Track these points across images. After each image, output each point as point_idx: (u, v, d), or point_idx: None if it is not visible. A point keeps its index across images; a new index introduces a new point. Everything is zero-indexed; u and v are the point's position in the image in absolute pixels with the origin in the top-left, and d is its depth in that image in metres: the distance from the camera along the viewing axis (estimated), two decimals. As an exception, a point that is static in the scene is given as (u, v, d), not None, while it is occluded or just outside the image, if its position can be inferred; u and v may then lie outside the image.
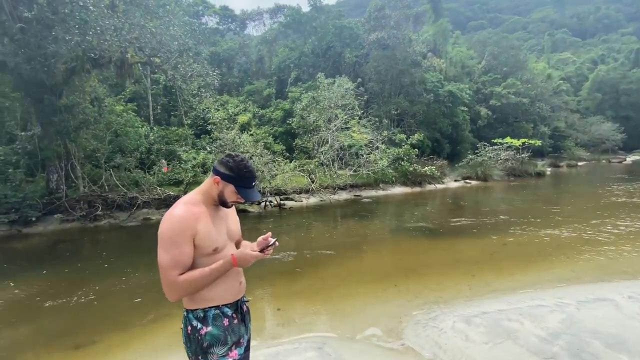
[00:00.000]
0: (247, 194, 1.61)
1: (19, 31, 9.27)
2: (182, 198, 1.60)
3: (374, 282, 5.29)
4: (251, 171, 1.61)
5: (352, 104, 18.44)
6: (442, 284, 5.09)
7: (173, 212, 1.50)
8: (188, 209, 1.52)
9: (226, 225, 1.70)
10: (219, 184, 1.59)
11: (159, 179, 13.56)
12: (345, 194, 15.83)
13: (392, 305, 4.36)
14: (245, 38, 32.86)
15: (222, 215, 1.69)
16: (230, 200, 1.62)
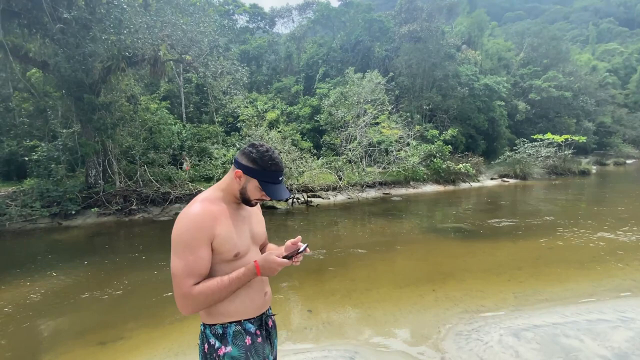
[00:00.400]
0: (273, 191, 1.37)
1: (59, 31, 9.63)
2: (199, 195, 1.39)
3: (407, 287, 4.94)
4: (277, 163, 1.37)
5: (382, 99, 17.92)
6: (484, 291, 4.66)
7: (188, 211, 1.29)
8: (205, 207, 1.31)
9: (249, 226, 1.48)
10: (240, 179, 1.37)
11: (190, 175, 13.80)
12: (373, 192, 15.42)
13: (429, 313, 4.01)
14: (274, 36, 33.00)
15: (244, 215, 1.47)
16: (254, 197, 1.39)
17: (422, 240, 7.94)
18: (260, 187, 1.36)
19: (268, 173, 1.35)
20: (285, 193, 1.40)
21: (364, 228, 9.54)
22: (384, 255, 6.80)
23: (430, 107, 23.31)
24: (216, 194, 1.39)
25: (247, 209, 1.48)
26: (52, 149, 12.40)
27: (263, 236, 1.58)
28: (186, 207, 1.32)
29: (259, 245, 1.56)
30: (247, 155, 1.36)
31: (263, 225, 1.60)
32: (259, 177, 1.35)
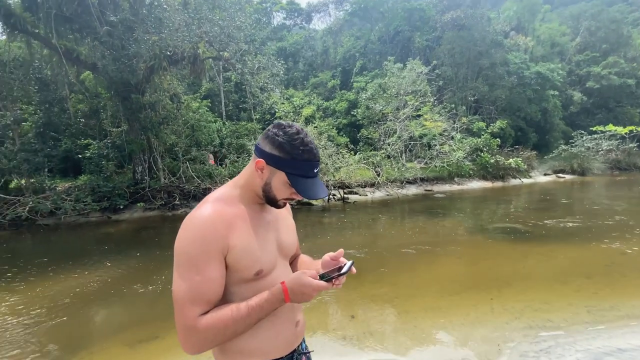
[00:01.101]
0: (306, 188, 1.02)
1: (106, 34, 10.04)
2: (211, 193, 1.09)
3: (457, 295, 4.46)
4: (311, 150, 1.01)
5: (424, 90, 17.07)
6: (550, 303, 4.07)
7: (194, 216, 0.99)
8: (217, 209, 0.99)
9: (276, 234, 1.14)
10: (263, 171, 1.03)
11: (230, 171, 14.00)
12: (414, 189, 14.74)
13: (486, 328, 3.54)
14: (310, 31, 32.84)
15: (269, 219, 1.13)
16: (282, 196, 1.06)
17: (470, 242, 7.31)
18: (289, 182, 1.02)
19: (299, 163, 1.00)
20: (321, 190, 1.05)
21: (404, 227, 9.04)
22: (428, 257, 6.31)
23: (475, 98, 21.95)
24: (232, 192, 1.08)
25: (272, 212, 1.15)
26: (102, 147, 13.09)
27: (293, 246, 1.24)
28: (193, 210, 1.01)
29: (288, 258, 1.22)
30: (272, 139, 1.01)
31: (294, 233, 1.26)
32: (288, 168, 1.00)
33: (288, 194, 1.05)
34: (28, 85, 12.49)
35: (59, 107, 13.33)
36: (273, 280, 1.06)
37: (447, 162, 15.44)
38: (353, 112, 19.83)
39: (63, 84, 12.98)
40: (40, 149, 11.99)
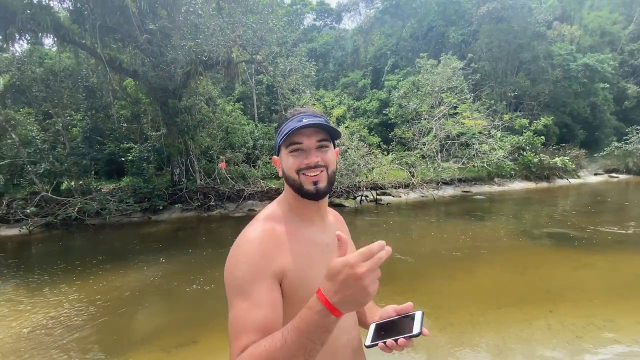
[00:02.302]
0: (292, 128, 0.90)
1: (146, 42, 10.46)
2: (262, 210, 0.99)
3: (506, 307, 4.15)
4: (296, 109, 0.97)
5: (460, 86, 16.38)
6: (614, 321, 3.67)
7: (242, 237, 0.90)
8: (267, 228, 0.90)
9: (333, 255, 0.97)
10: (278, 164, 0.99)
11: (263, 172, 14.17)
12: (451, 190, 14.17)
13: (544, 347, 3.23)
14: (340, 31, 32.65)
15: (327, 240, 0.98)
16: (294, 167, 0.92)
17: (514, 248, 6.85)
18: (286, 144, 0.92)
19: (286, 124, 0.93)
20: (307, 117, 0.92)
21: (441, 230, 8.66)
22: (468, 263, 5.96)
23: (516, 93, 20.77)
24: (281, 208, 0.98)
25: (329, 232, 0.99)
26: (143, 150, 13.67)
27: None
28: (243, 231, 0.92)
29: None
30: (275, 129, 1.00)
31: (352, 247, 1.10)
32: (280, 134, 0.93)
33: (297, 162, 0.91)
34: (76, 93, 13.30)
35: (104, 113, 14.08)
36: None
37: (487, 161, 14.70)
38: (385, 111, 19.44)
39: (107, 91, 13.71)
40: (88, 152, 12.72)
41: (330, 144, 0.95)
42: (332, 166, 0.94)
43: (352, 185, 13.21)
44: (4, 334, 4.07)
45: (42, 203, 11.17)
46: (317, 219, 0.99)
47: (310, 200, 0.93)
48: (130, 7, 9.96)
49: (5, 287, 5.79)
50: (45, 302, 5.00)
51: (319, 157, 0.91)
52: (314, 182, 0.91)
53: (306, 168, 0.90)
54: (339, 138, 0.98)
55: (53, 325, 4.27)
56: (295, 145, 0.91)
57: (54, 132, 12.56)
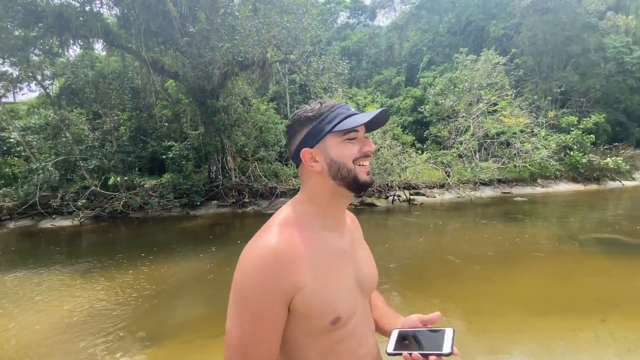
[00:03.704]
0: (358, 119, 0.84)
1: (186, 44, 10.92)
2: (277, 214, 0.89)
3: (548, 316, 3.91)
4: (332, 101, 0.87)
5: (501, 83, 15.64)
6: (674, 336, 3.35)
7: (255, 245, 0.81)
8: (283, 238, 0.80)
9: (354, 266, 0.91)
10: (316, 158, 0.85)
11: (294, 171, 14.36)
12: (489, 191, 13.58)
13: (591, 359, 3.02)
14: (374, 28, 32.27)
15: (345, 247, 0.91)
16: (351, 157, 0.84)
17: (558, 253, 6.45)
18: (341, 133, 0.83)
19: (333, 112, 0.84)
20: (363, 115, 0.85)
21: (478, 233, 8.32)
22: (507, 268, 5.68)
23: (562, 89, 19.51)
24: (299, 212, 0.88)
25: (348, 237, 0.93)
26: (183, 148, 14.33)
27: (375, 280, 1.00)
28: (256, 236, 0.84)
29: (369, 297, 1.00)
30: (295, 126, 0.87)
31: (373, 262, 1.01)
32: (328, 125, 0.83)
33: (355, 150, 0.84)
34: (123, 94, 14.16)
35: (147, 113, 14.89)
36: (353, 329, 0.86)
37: (529, 161, 13.92)
38: (420, 109, 18.98)
39: (150, 92, 14.48)
40: (133, 150, 13.53)
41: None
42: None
43: (385, 185, 13.03)
44: (56, 315, 4.44)
45: (91, 197, 12.04)
46: (338, 223, 0.92)
47: (352, 193, 0.88)
48: (172, 12, 10.45)
49: (61, 272, 6.31)
50: (95, 287, 5.39)
51: (373, 146, 0.88)
52: (368, 172, 0.86)
53: (364, 157, 0.85)
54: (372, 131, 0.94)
55: (100, 309, 4.59)
56: (354, 133, 0.84)
57: (103, 131, 13.47)
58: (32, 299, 5.13)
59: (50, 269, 6.50)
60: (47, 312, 4.58)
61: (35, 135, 13.43)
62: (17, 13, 10.45)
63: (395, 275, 5.52)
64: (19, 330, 4.11)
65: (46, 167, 11.81)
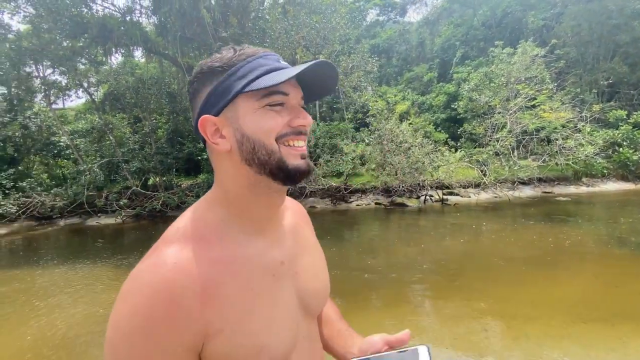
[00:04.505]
0: (282, 74, 0.54)
1: (219, 49, 11.27)
2: (175, 223, 0.60)
3: (595, 322, 3.66)
4: (251, 48, 0.59)
5: (541, 76, 14.83)
6: None
7: (139, 277, 0.53)
8: (183, 262, 0.53)
9: (295, 283, 0.66)
10: (222, 129, 0.57)
11: (323, 170, 14.40)
12: (529, 190, 12.92)
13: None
14: (404, 24, 31.68)
15: (280, 257, 0.65)
16: (277, 128, 0.56)
17: (605, 256, 6.01)
18: (260, 94, 0.55)
19: (252, 62, 0.56)
20: (292, 69, 0.56)
21: (517, 235, 7.93)
22: (548, 272, 5.37)
23: (610, 81, 18.14)
24: (210, 214, 0.60)
25: (283, 242, 0.67)
26: (216, 150, 14.80)
27: (327, 293, 0.75)
28: (141, 262, 0.55)
29: (315, 318, 0.73)
30: (203, 75, 0.57)
31: (324, 265, 0.77)
32: (240, 83, 0.55)
33: (279, 122, 0.56)
34: (161, 99, 14.86)
35: (183, 116, 15.52)
36: None
37: (573, 159, 13.08)
38: (453, 105, 18.41)
39: (186, 96, 15.06)
40: (170, 152, 14.16)
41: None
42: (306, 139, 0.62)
43: (416, 185, 12.76)
44: (104, 308, 4.74)
45: (132, 196, 12.75)
46: (270, 224, 0.65)
47: (285, 185, 0.60)
48: (205, 18, 10.84)
49: (105, 267, 6.73)
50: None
51: (308, 119, 0.59)
52: (302, 156, 0.59)
53: (294, 134, 0.58)
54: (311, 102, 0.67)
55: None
56: (280, 96, 0.56)
57: (143, 134, 14.21)
58: (78, 291, 5.52)
59: (96, 264, 6.96)
60: (92, 304, 4.90)
61: (82, 138, 14.43)
62: (65, 25, 11.27)
63: (430, 276, 5.40)
64: (65, 319, 4.43)
65: (92, 169, 12.65)
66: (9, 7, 11.72)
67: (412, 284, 5.10)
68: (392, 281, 5.27)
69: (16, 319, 4.55)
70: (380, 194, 13.33)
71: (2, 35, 12.11)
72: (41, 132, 15.00)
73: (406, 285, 5.06)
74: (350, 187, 13.79)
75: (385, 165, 12.99)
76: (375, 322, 4.02)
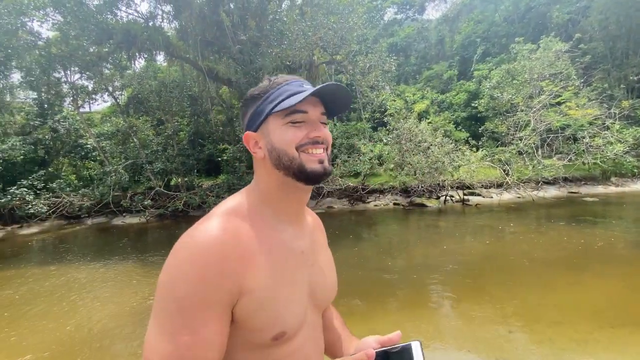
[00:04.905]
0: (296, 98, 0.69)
1: (238, 52, 11.48)
2: (223, 202, 0.75)
3: (624, 328, 3.52)
4: (284, 77, 0.75)
5: (566, 72, 14.32)
6: None
7: (192, 236, 0.65)
8: (229, 228, 0.66)
9: (310, 273, 0.77)
10: (257, 142, 0.74)
11: (341, 170, 14.40)
12: (554, 190, 12.52)
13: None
14: (423, 22, 31.23)
15: (303, 246, 0.78)
16: (294, 144, 0.70)
17: (635, 260, 5.76)
18: (283, 114, 0.70)
19: (278, 90, 0.71)
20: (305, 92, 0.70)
21: (541, 236, 7.71)
22: (574, 275, 5.20)
23: (640, 76, 17.33)
24: (247, 201, 0.74)
25: (307, 235, 0.81)
26: (236, 151, 15.04)
27: (334, 291, 0.86)
28: (191, 228, 0.67)
29: (321, 311, 0.84)
30: (244, 108, 0.76)
31: (334, 269, 0.87)
32: (269, 105, 0.71)
33: (299, 135, 0.70)
34: (182, 102, 15.24)
35: (204, 118, 15.87)
36: (298, 348, 0.72)
37: (601, 157, 12.57)
38: (474, 103, 18.04)
39: (206, 98, 15.42)
40: (192, 153, 14.50)
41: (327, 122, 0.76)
42: (330, 148, 0.75)
43: (436, 185, 12.58)
44: (128, 304, 4.92)
45: (156, 196, 13.14)
46: (296, 219, 0.78)
47: (305, 185, 0.73)
48: (224, 21, 11.06)
49: (133, 264, 6.98)
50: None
51: (323, 132, 0.72)
52: (320, 161, 0.71)
53: (311, 143, 0.70)
54: (335, 116, 0.80)
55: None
56: (299, 115, 0.70)
57: (165, 136, 14.61)
58: (110, 286, 5.75)
59: (124, 261, 7.23)
60: (124, 297, 5.10)
61: (108, 141, 14.98)
62: (92, 32, 11.73)
63: (451, 277, 5.33)
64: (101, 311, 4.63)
65: (117, 170, 13.12)
66: (39, 15, 12.30)
67: (433, 285, 5.06)
68: (412, 282, 5.24)
69: (57, 310, 4.81)
70: (399, 194, 13.22)
71: (33, 43, 12.72)
72: (69, 135, 15.67)
73: (426, 287, 5.01)
74: (368, 187, 13.73)
75: (404, 165, 12.86)
76: (394, 322, 4.02)
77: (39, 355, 3.64)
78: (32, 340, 3.97)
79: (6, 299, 5.36)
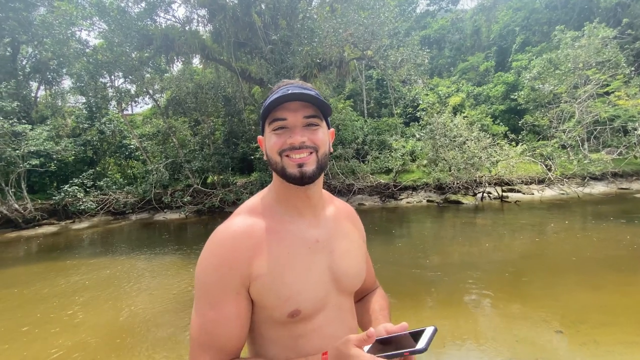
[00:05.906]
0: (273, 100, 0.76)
1: (269, 52, 11.71)
2: (245, 202, 0.89)
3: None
4: (283, 82, 0.84)
5: (615, 60, 13.30)
6: None
7: (216, 232, 0.81)
8: (244, 224, 0.80)
9: (329, 259, 0.85)
10: (263, 145, 0.85)
11: (372, 167, 14.32)
12: (601, 186, 11.72)
13: None
14: (457, 13, 30.15)
15: (318, 236, 0.85)
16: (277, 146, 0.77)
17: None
18: (269, 121, 0.79)
19: (273, 95, 0.79)
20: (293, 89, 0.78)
21: (588, 235, 7.26)
22: (623, 276, 4.87)
23: None
24: (264, 199, 0.86)
25: (324, 226, 0.87)
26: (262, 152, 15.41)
27: (360, 277, 0.92)
28: (222, 224, 0.83)
29: (351, 294, 0.92)
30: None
31: (361, 257, 0.93)
32: (265, 111, 0.78)
33: (279, 143, 0.77)
34: (217, 102, 15.77)
35: (238, 118, 16.34)
36: (320, 326, 0.82)
37: (656, 150, 11.61)
38: (512, 95, 17.22)
39: (240, 98, 15.86)
40: (227, 152, 15.00)
41: (321, 123, 0.80)
42: (323, 148, 0.79)
43: (472, 181, 12.17)
44: (170, 293, 5.22)
45: (194, 193, 13.73)
46: (307, 211, 0.85)
47: (296, 185, 0.79)
48: (256, 22, 11.31)
49: (174, 256, 7.38)
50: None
51: (306, 136, 0.77)
52: (299, 165, 0.76)
53: (290, 149, 0.76)
54: (330, 115, 0.84)
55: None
56: (279, 122, 0.77)
57: (202, 136, 15.21)
58: (156, 277, 6.13)
59: (166, 254, 7.66)
60: (159, 289, 5.43)
61: (149, 141, 15.81)
62: (134, 38, 12.43)
63: (488, 276, 5.18)
64: (136, 303, 4.96)
65: (158, 169, 13.84)
66: (86, 24, 13.20)
67: (470, 283, 4.94)
68: (448, 280, 5.14)
69: (106, 297, 5.22)
70: (433, 191, 12.92)
71: (81, 51, 13.67)
72: (114, 136, 16.72)
73: (463, 285, 4.90)
74: (400, 184, 13.54)
75: (438, 160, 12.54)
76: (427, 320, 3.98)
77: (92, 334, 3.98)
78: (87, 324, 4.33)
79: (58, 288, 5.86)
